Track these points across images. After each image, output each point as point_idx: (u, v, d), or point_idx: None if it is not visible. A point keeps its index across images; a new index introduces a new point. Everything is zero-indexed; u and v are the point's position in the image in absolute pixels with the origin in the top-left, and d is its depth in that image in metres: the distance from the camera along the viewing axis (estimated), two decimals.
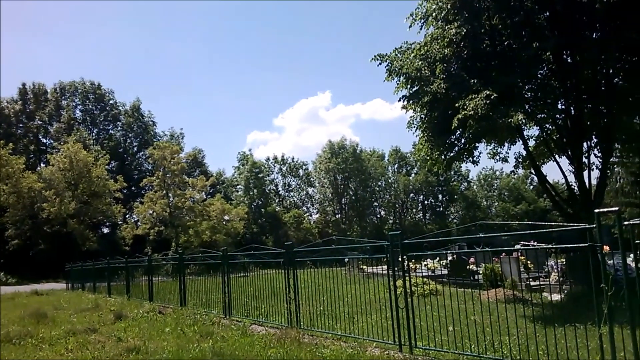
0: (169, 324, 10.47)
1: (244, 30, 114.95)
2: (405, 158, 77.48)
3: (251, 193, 66.12)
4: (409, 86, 14.32)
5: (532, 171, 16.64)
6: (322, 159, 72.33)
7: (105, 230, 55.97)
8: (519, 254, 16.37)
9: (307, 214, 73.43)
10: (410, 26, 14.89)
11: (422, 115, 14.53)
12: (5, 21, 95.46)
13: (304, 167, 75.36)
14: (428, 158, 15.14)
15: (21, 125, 60.62)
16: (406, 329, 6.89)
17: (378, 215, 77.28)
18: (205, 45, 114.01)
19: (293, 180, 75.40)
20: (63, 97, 64.53)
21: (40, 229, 43.16)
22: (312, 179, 75.45)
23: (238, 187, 69.87)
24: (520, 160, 17.36)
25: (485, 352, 6.22)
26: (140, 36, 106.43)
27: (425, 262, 18.20)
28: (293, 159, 74.72)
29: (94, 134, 63.47)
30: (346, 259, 17.30)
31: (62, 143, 51.76)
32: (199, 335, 8.74)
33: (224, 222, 50.80)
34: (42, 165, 56.12)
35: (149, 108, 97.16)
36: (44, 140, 62.78)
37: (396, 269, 7.23)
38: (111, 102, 66.90)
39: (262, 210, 64.64)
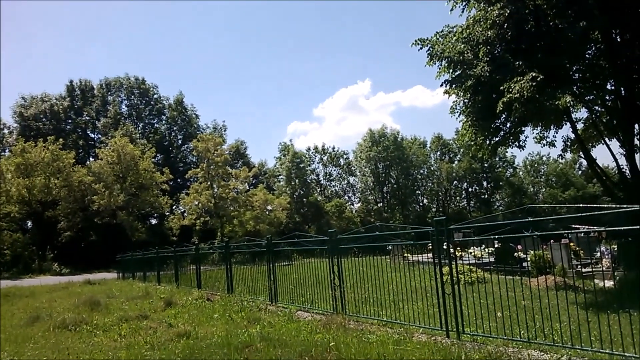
0: (217, 310, 10.73)
1: (283, 20, 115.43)
2: (447, 145, 76.20)
3: (293, 183, 66.59)
4: (451, 70, 14.08)
5: (581, 155, 16.11)
6: (363, 147, 71.97)
7: (153, 221, 57.58)
8: (569, 240, 15.93)
9: (349, 203, 73.48)
10: (451, 9, 14.61)
11: (466, 100, 14.26)
12: (48, 20, 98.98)
13: (344, 156, 75.32)
14: (472, 143, 14.88)
15: (70, 121, 62.92)
16: (453, 316, 6.85)
17: (421, 204, 76.43)
18: (245, 38, 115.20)
19: (334, 170, 75.48)
20: (109, 93, 66.58)
21: (91, 220, 44.82)
22: (353, 168, 75.28)
23: (280, 177, 70.50)
24: (568, 144, 16.82)
25: (535, 338, 6.13)
26: (181, 30, 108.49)
27: (470, 250, 17.97)
28: (333, 148, 74.79)
29: (139, 128, 65.21)
30: (389, 247, 17.25)
31: (109, 137, 53.46)
32: (247, 321, 8.93)
33: (267, 212, 51.48)
34: (91, 159, 58.10)
35: (192, 101, 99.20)
36: (92, 135, 65.02)
37: (442, 255, 7.18)
38: (155, 96, 68.61)
39: (304, 200, 65.04)
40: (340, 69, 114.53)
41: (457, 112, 14.81)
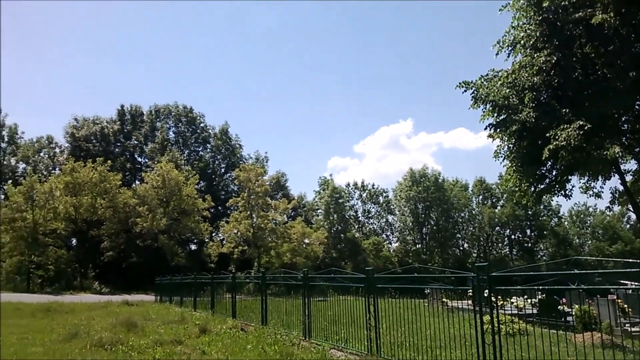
0: (251, 341, 10.74)
1: (328, 56, 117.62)
2: (490, 189, 74.74)
3: (331, 218, 66.51)
4: (495, 114, 14.04)
5: (630, 208, 15.60)
6: (403, 186, 71.51)
7: (193, 247, 58.34)
8: (616, 296, 15.25)
9: (387, 242, 72.67)
10: (497, 54, 14.67)
11: (510, 145, 14.15)
12: (104, 46, 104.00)
13: (384, 194, 74.95)
14: (517, 189, 14.66)
15: (119, 144, 65.38)
16: None
17: (461, 248, 74.75)
18: (291, 73, 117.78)
19: (373, 207, 75.10)
20: (158, 119, 69.03)
21: (133, 242, 45.83)
22: (392, 206, 74.69)
23: (318, 211, 70.56)
24: (616, 195, 16.30)
25: None
26: (230, 62, 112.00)
27: (512, 300, 17.41)
28: (373, 185, 74.65)
29: (185, 155, 66.96)
30: (427, 290, 16.93)
31: (155, 162, 55.06)
32: (280, 355, 8.90)
33: (304, 245, 51.42)
34: (136, 182, 59.82)
35: (237, 131, 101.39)
36: (139, 159, 67.31)
37: (482, 303, 7.02)
38: (202, 125, 70.67)
39: (342, 235, 64.73)
40: (382, 107, 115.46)
41: (502, 156, 14.70)
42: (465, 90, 14.48)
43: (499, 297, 6.89)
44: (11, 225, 39.59)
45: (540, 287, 6.96)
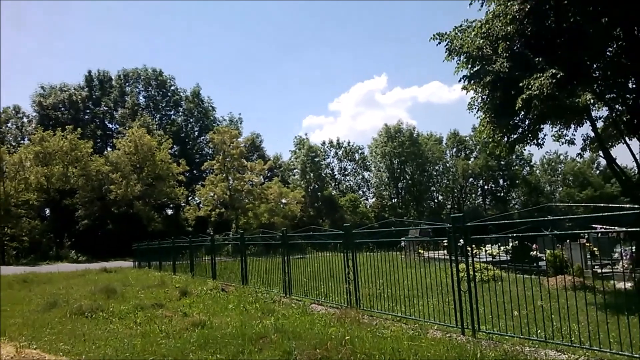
0: (232, 301, 10.80)
1: (299, 14, 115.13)
2: (464, 142, 75.65)
3: (307, 177, 66.64)
4: (469, 66, 13.91)
5: (600, 154, 15.85)
6: (378, 142, 71.79)
7: (169, 212, 58.00)
8: (586, 240, 15.73)
9: (363, 198, 73.47)
10: (470, 3, 14.40)
11: (484, 96, 14.10)
12: (69, 9, 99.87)
13: (359, 151, 75.22)
14: (490, 141, 14.72)
15: (88, 111, 63.65)
16: (468, 313, 6.81)
17: (435, 200, 76.10)
18: (261, 31, 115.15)
19: (349, 165, 75.45)
20: (127, 84, 67.19)
21: (108, 210, 45.39)
22: (368, 163, 75.18)
23: (295, 171, 70.63)
24: (587, 142, 16.54)
25: (553, 338, 6.07)
26: (198, 23, 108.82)
27: (486, 248, 17.84)
28: (349, 143, 74.71)
29: (157, 119, 65.67)
30: (403, 243, 17.22)
31: (127, 128, 54.01)
32: (261, 313, 8.98)
33: (282, 205, 51.65)
34: (108, 149, 58.75)
35: (208, 93, 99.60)
36: (110, 126, 65.81)
37: (458, 252, 7.13)
38: (172, 88, 69.12)
39: (319, 194, 65.07)
40: (356, 63, 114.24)
41: (475, 108, 14.66)
42: (439, 42, 14.28)
43: (473, 246, 6.99)
44: None
45: (514, 235, 7.08)
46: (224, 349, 6.23)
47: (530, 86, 11.38)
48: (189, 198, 57.83)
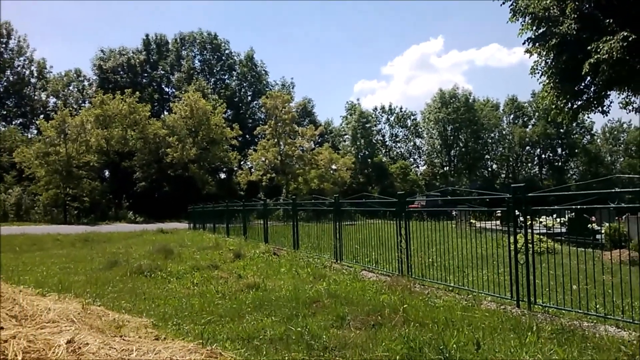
0: (284, 265, 11.00)
1: None
2: (522, 108, 72.87)
3: (358, 143, 66.30)
4: (534, 27, 13.29)
5: None
6: (432, 108, 70.24)
7: (222, 176, 59.36)
8: None
9: (414, 165, 72.59)
10: None
11: (548, 60, 13.47)
12: None
13: (412, 117, 74.01)
14: (552, 107, 14.12)
15: (146, 74, 65.22)
16: (524, 286, 6.65)
17: (489, 169, 74.17)
18: None
19: (400, 131, 74.43)
20: (183, 48, 68.17)
21: (165, 172, 46.86)
22: (420, 129, 73.85)
23: (345, 136, 70.36)
24: None
25: (613, 314, 5.86)
26: None
27: (541, 219, 17.30)
28: (401, 108, 73.55)
29: (211, 83, 66.52)
30: (454, 212, 16.96)
31: (183, 92, 55.07)
32: (313, 277, 9.10)
33: (332, 172, 51.77)
34: (165, 113, 60.17)
35: (262, 57, 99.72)
36: (166, 89, 67.26)
37: (516, 224, 6.93)
38: (227, 52, 69.65)
39: (369, 160, 64.75)
40: (412, 24, 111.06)
41: (538, 72, 14.05)
42: (503, 3, 13.67)
43: (528, 217, 6.77)
44: (45, 159, 40.72)
45: (576, 207, 6.78)
46: (278, 311, 6.37)
47: (599, 50, 10.77)
48: (241, 162, 58.83)
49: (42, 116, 51.94)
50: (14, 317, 5.17)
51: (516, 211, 6.88)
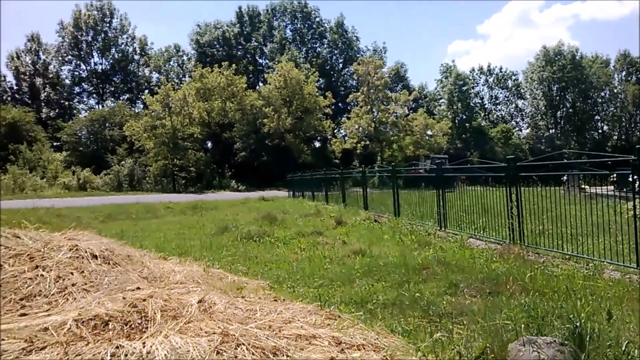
0: (386, 232, 11.02)
1: None
2: (635, 64, 66.22)
3: (455, 107, 64.09)
4: None
5: None
6: (535, 67, 66.00)
7: (317, 144, 60.15)
8: None
9: (516, 128, 69.00)
10: None
11: None
12: None
13: (513, 77, 69.99)
14: None
15: (240, 47, 66.91)
16: None
17: (600, 131, 68.75)
18: None
19: (500, 93, 70.85)
20: (274, 18, 69.04)
21: (263, 142, 48.35)
22: (522, 90, 69.82)
23: (441, 101, 68.24)
24: None
25: None
26: None
27: None
28: (500, 69, 69.80)
29: (303, 53, 66.96)
30: (565, 177, 15.99)
31: (276, 62, 56.00)
32: (417, 244, 9.04)
33: (427, 137, 50.63)
34: (260, 84, 61.66)
35: (352, 23, 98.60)
36: (260, 61, 68.69)
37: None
38: (317, 20, 69.56)
39: (467, 124, 62.47)
40: None
41: None
42: None
43: None
44: (153, 132, 43.60)
45: None
46: (388, 277, 6.42)
47: None
48: (335, 131, 59.18)
49: (146, 91, 55.25)
50: (145, 278, 5.65)
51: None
